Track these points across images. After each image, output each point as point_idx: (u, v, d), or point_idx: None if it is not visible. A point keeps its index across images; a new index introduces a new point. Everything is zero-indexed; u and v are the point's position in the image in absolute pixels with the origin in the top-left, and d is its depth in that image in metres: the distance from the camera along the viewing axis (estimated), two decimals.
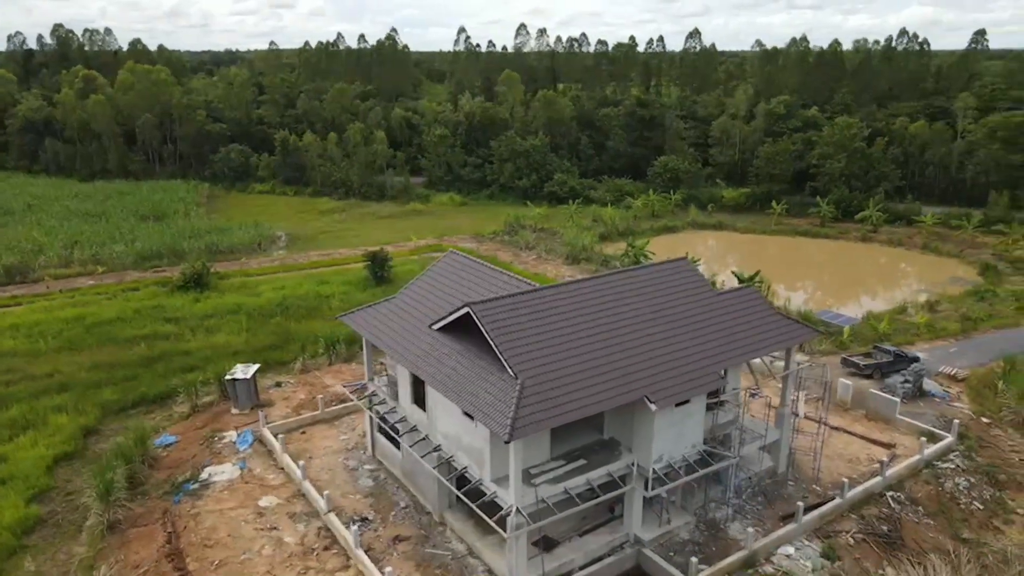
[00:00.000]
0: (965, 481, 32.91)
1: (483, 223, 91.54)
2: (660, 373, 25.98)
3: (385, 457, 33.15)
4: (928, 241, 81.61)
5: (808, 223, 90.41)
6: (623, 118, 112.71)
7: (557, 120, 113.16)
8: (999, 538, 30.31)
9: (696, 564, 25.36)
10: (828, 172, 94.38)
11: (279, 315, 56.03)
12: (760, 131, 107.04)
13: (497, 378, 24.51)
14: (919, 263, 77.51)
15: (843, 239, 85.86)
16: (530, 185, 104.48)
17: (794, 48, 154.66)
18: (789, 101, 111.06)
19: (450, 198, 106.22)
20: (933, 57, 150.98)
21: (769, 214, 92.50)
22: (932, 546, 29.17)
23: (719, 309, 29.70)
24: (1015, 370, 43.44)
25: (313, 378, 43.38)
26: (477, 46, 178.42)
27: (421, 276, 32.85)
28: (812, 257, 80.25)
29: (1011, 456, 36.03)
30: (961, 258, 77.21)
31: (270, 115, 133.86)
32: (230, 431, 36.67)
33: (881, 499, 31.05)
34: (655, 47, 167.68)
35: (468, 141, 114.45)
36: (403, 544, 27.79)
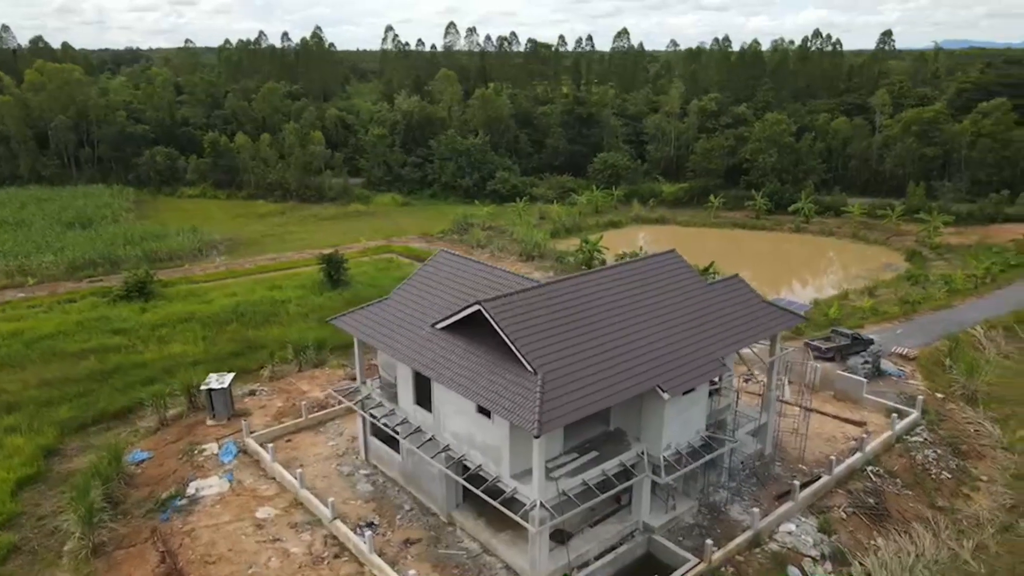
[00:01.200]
0: (933, 453, 35.09)
1: (429, 223, 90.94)
2: (668, 363, 26.63)
3: (381, 461, 32.62)
4: (856, 230, 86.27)
5: (744, 216, 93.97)
6: (561, 116, 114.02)
7: (496, 119, 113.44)
8: (969, 504, 32.50)
9: (711, 547, 26.12)
10: (760, 166, 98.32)
11: (235, 322, 54.20)
12: (693, 128, 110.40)
13: (514, 374, 24.57)
14: (851, 251, 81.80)
15: (778, 230, 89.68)
16: (472, 184, 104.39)
17: (716, 48, 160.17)
18: (720, 98, 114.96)
19: (392, 198, 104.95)
20: (844, 57, 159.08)
21: (707, 208, 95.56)
22: (913, 515, 31.03)
23: (712, 299, 30.65)
24: (959, 348, 46.56)
25: (287, 385, 42.18)
26: (406, 45, 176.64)
27: (413, 276, 32.49)
28: (751, 248, 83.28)
29: (967, 428, 38.63)
30: (887, 245, 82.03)
31: (195, 116, 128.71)
32: (210, 443, 35.26)
33: (863, 474, 32.76)
34: (584, 46, 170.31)
35: (407, 141, 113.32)
36: (414, 547, 27.47)
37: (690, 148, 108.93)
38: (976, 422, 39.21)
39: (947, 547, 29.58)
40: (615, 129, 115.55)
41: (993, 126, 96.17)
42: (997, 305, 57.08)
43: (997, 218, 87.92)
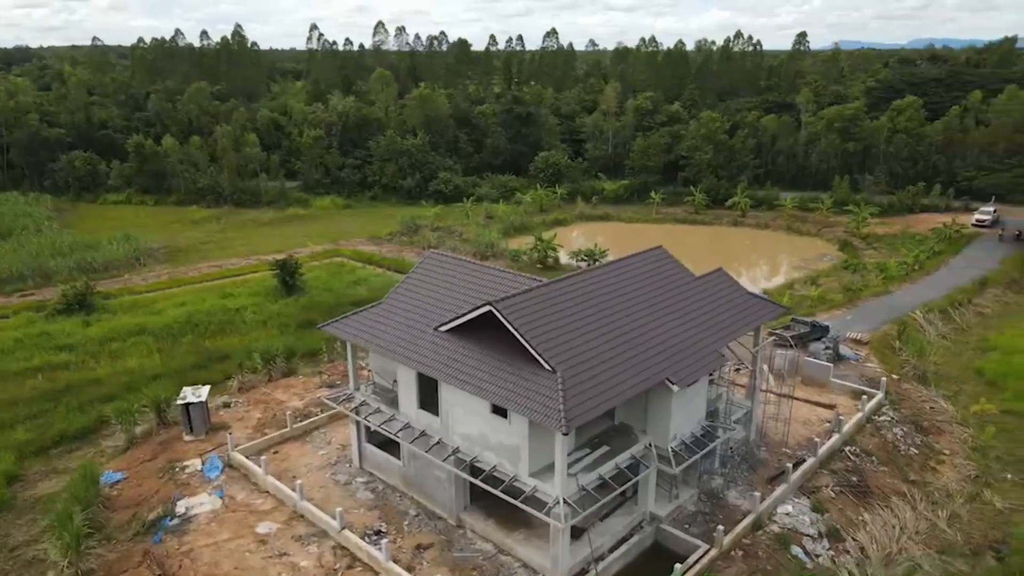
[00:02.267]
0: (900, 431, 37.28)
1: (374, 225, 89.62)
2: (672, 356, 27.33)
3: (378, 468, 32.12)
4: (790, 223, 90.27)
5: (684, 211, 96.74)
6: (501, 115, 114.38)
7: (434, 118, 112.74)
8: (937, 477, 34.71)
9: (722, 532, 27.00)
10: (697, 163, 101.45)
11: (190, 333, 52.13)
12: (630, 126, 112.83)
13: (530, 373, 24.71)
14: (787, 243, 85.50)
15: (716, 224, 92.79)
16: (414, 185, 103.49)
17: (644, 48, 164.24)
18: (655, 97, 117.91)
19: (332, 201, 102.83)
20: (764, 57, 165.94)
21: (648, 204, 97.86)
22: (891, 490, 32.90)
23: (702, 292, 31.61)
24: (907, 331, 49.52)
25: (262, 395, 40.88)
26: (334, 44, 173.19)
27: (405, 280, 32.09)
28: (694, 242, 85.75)
29: (923, 406, 41.19)
30: (819, 236, 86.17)
31: (114, 118, 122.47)
32: (192, 459, 33.84)
33: (842, 454, 34.47)
34: (514, 46, 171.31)
35: (344, 142, 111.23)
36: (427, 552, 27.23)
37: (628, 146, 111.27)
38: (931, 400, 41.86)
39: (925, 518, 31.54)
40: (553, 128, 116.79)
41: (907, 122, 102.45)
42: (929, 290, 60.92)
43: (915, 208, 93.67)
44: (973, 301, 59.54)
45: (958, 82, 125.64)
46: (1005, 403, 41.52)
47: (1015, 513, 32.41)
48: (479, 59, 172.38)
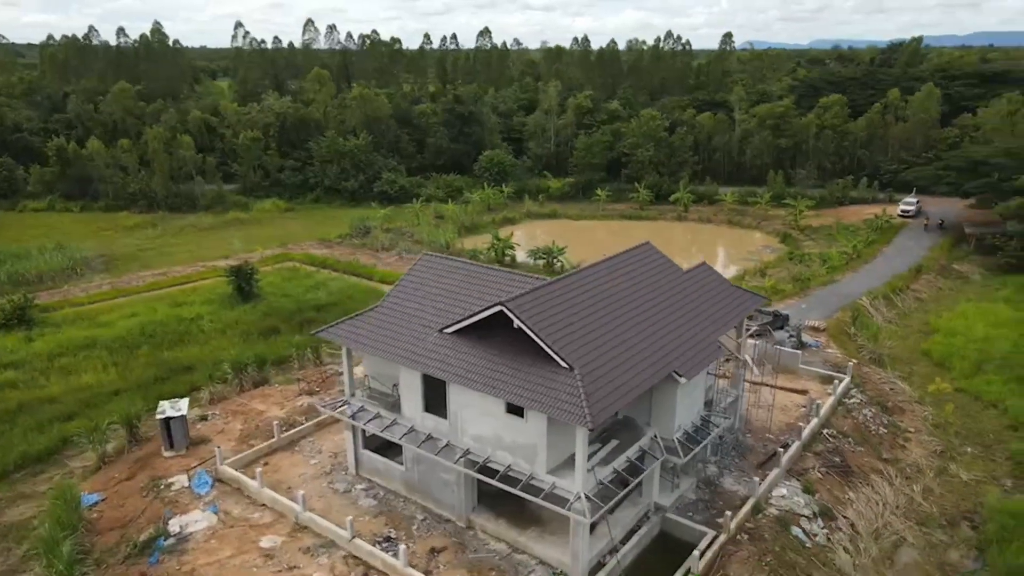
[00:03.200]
0: (869, 412, 39.27)
1: (321, 228, 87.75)
2: (676, 348, 28.02)
3: (377, 474, 31.62)
4: (731, 217, 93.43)
5: (629, 207, 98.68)
6: (443, 115, 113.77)
7: (375, 118, 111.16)
8: (907, 453, 36.77)
9: (729, 517, 27.87)
10: (639, 160, 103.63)
11: (145, 345, 49.91)
12: (572, 124, 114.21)
13: (546, 371, 24.88)
14: (730, 236, 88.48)
15: (661, 220, 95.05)
16: (358, 186, 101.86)
17: (576, 47, 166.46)
18: (594, 96, 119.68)
19: (273, 204, 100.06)
20: (693, 56, 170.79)
21: (594, 201, 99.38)
22: (869, 468, 34.67)
23: (692, 285, 32.48)
24: (860, 317, 52.13)
25: (238, 406, 39.54)
26: (262, 42, 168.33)
27: (401, 282, 31.67)
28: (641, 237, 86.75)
29: (884, 387, 43.49)
30: (760, 229, 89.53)
31: (29, 121, 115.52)
32: (176, 476, 32.47)
33: (821, 436, 36.07)
34: (448, 44, 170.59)
35: (282, 143, 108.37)
36: (442, 555, 27.05)
37: (570, 144, 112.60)
38: (889, 381, 44.25)
39: (903, 493, 33.41)
40: (495, 127, 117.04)
41: (833, 119, 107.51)
42: (871, 278, 64.22)
43: (844, 201, 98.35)
44: (911, 287, 63.14)
45: (872, 80, 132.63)
46: (955, 382, 44.37)
47: (980, 484, 34.71)
48: (414, 58, 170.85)
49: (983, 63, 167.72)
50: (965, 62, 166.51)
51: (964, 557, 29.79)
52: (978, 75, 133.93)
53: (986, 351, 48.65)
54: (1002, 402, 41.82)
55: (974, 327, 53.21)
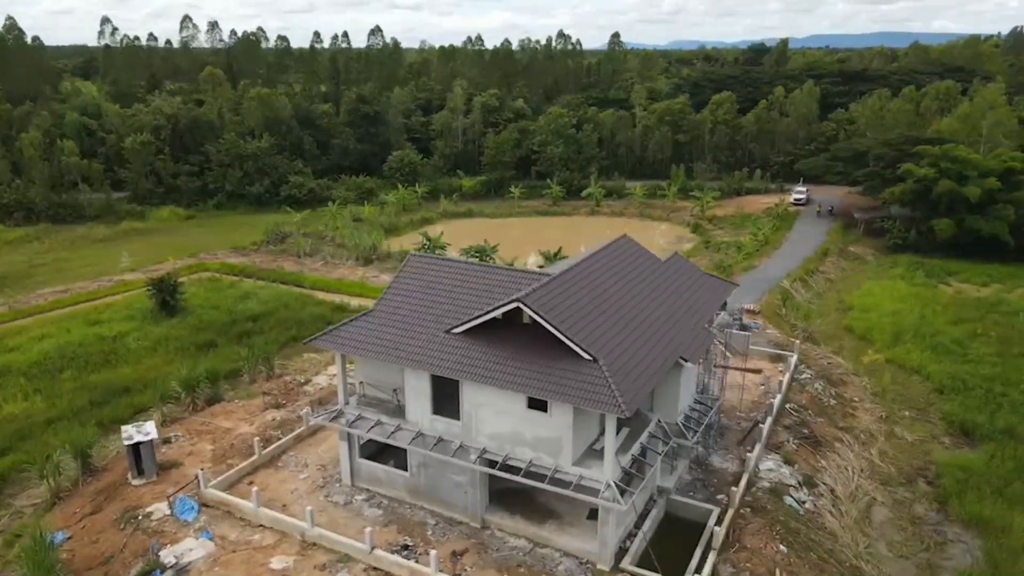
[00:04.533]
0: (819, 385, 42.21)
1: (229, 235, 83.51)
2: (676, 335, 29.06)
3: (376, 483, 30.71)
4: (641, 210, 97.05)
5: (543, 203, 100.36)
6: (348, 115, 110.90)
7: (275, 119, 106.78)
8: (857, 421, 39.84)
9: (735, 492, 29.24)
10: (549, 157, 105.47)
11: (68, 369, 45.89)
12: (479, 123, 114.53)
13: (568, 364, 25.17)
14: (643, 228, 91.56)
15: (575, 215, 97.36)
16: (264, 190, 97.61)
17: (470, 47, 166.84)
18: (499, 94, 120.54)
19: (172, 212, 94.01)
20: (583, 56, 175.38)
21: (508, 198, 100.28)
22: (831, 437, 37.31)
23: (674, 274, 33.72)
24: (789, 298, 55.74)
25: (201, 426, 37.11)
26: (136, 39, 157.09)
27: (393, 285, 30.85)
28: (558, 233, 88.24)
29: (822, 362, 46.82)
30: (670, 221, 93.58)
31: None
32: (153, 505, 30.13)
33: (785, 411, 38.40)
34: (340, 43, 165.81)
35: (175, 147, 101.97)
36: (465, 557, 26.73)
37: (477, 143, 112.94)
38: (825, 356, 47.69)
39: (863, 457, 36.23)
40: (401, 127, 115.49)
41: (725, 115, 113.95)
42: (785, 262, 68.77)
43: (741, 192, 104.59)
44: (820, 269, 68.16)
45: (749, 79, 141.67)
46: (880, 353, 48.44)
47: (924, 443, 38.20)
48: (303, 57, 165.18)
49: (840, 63, 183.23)
50: (827, 62, 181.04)
51: (928, 510, 32.71)
52: (841, 73, 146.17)
53: (898, 323, 53.41)
54: (924, 368, 46.12)
55: (882, 303, 58.28)
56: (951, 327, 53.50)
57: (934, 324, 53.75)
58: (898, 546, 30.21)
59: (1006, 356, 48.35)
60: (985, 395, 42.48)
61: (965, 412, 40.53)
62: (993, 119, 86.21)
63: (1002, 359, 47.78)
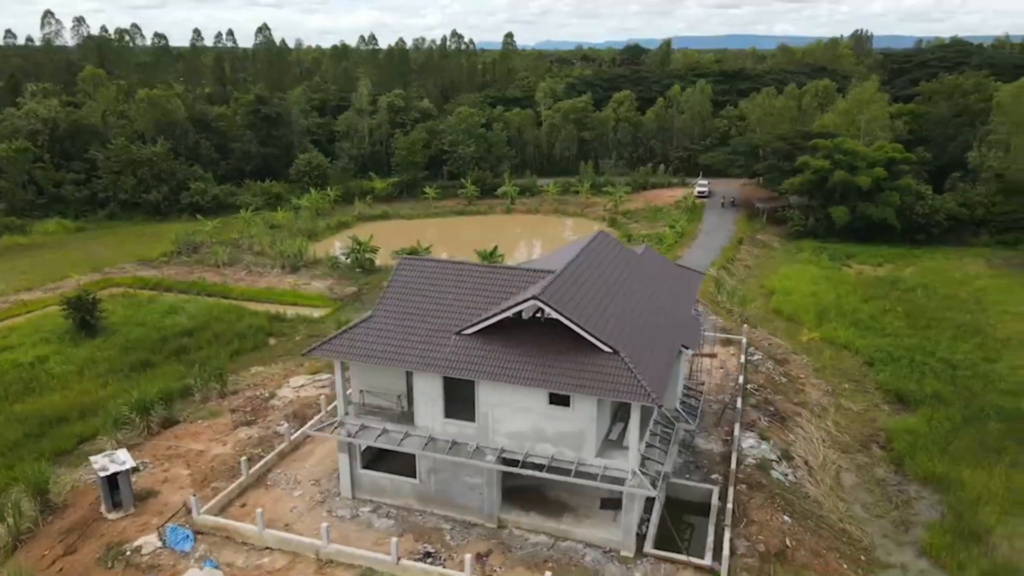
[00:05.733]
0: (769, 365, 44.92)
1: (131, 247, 77.91)
2: (671, 324, 30.20)
3: (380, 492, 29.92)
4: (556, 206, 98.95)
5: (458, 203, 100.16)
6: (247, 117, 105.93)
7: (168, 122, 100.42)
8: (808, 396, 42.75)
9: (734, 471, 30.74)
10: (460, 156, 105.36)
11: None
12: (385, 123, 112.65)
13: (588, 357, 25.66)
14: (561, 224, 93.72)
15: (491, 213, 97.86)
16: (162, 198, 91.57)
17: (363, 46, 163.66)
18: (405, 94, 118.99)
19: (58, 224, 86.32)
20: (478, 55, 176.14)
21: (423, 199, 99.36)
22: (791, 412, 39.88)
23: (651, 267, 34.89)
24: (721, 284, 58.76)
25: (168, 450, 34.65)
26: None
27: (388, 290, 30.06)
28: (478, 232, 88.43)
29: (764, 343, 49.82)
30: (585, 216, 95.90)
31: None
32: (140, 538, 27.96)
33: (748, 391, 40.63)
34: (225, 42, 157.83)
35: (56, 153, 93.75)
36: (491, 558, 26.65)
37: (386, 143, 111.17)
38: (766, 338, 50.76)
39: (821, 428, 39.00)
40: (304, 129, 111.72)
41: (626, 113, 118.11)
42: (706, 251, 72.40)
43: (647, 186, 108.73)
44: (737, 257, 72.27)
45: (639, 78, 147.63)
46: (812, 332, 52.14)
47: (868, 412, 41.61)
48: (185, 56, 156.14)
49: (717, 63, 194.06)
50: (706, 62, 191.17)
51: (887, 472, 35.72)
52: (722, 73, 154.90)
53: (818, 304, 57.67)
54: (852, 344, 50.10)
55: (800, 286, 62.63)
56: (863, 305, 58.41)
57: (849, 303, 58.47)
58: (871, 507, 32.84)
59: (916, 328, 53.41)
60: (910, 364, 46.77)
61: (897, 381, 44.47)
62: (869, 114, 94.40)
63: (914, 331, 52.76)
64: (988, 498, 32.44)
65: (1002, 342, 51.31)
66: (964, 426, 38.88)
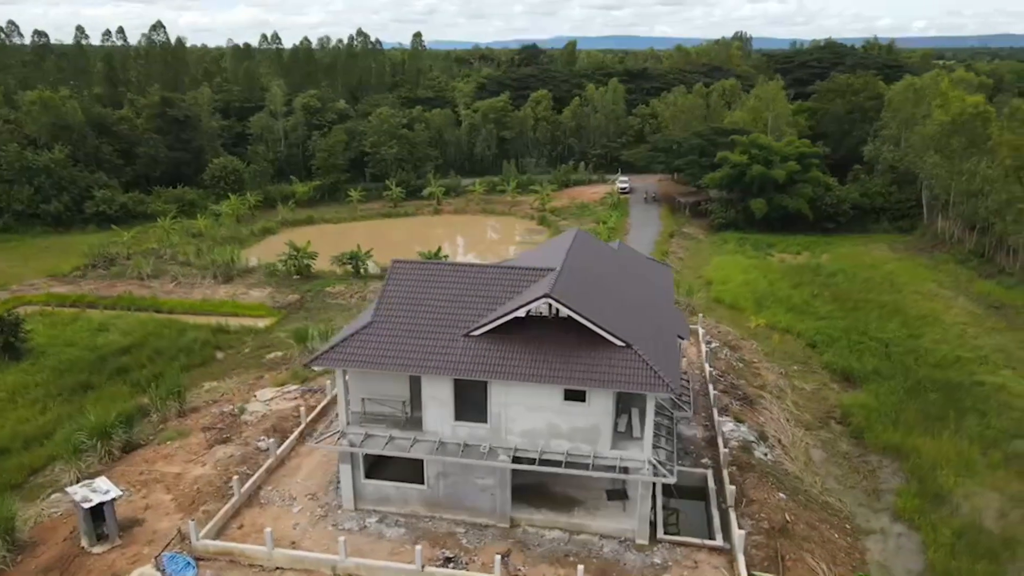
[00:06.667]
0: (726, 352, 46.97)
1: (34, 262, 72.24)
2: (662, 315, 31.17)
3: (385, 501, 29.27)
4: (483, 206, 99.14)
5: (384, 206, 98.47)
6: (153, 120, 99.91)
7: (63, 127, 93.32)
8: (759, 379, 45.00)
9: (727, 454, 32.04)
10: (383, 158, 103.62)
11: None
12: (301, 125, 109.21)
13: (600, 351, 26.17)
14: (491, 223, 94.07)
15: (419, 215, 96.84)
16: (64, 208, 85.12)
17: (266, 45, 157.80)
18: (320, 95, 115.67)
19: None
20: (387, 55, 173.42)
21: (348, 203, 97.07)
22: (755, 395, 41.92)
23: (629, 261, 35.83)
24: None
25: (141, 475, 32.46)
26: None
27: (384, 296, 29.40)
28: (407, 234, 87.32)
29: (714, 331, 52.02)
30: (513, 215, 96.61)
31: None
32: (132, 572, 26.15)
33: (712, 377, 42.34)
34: (114, 40, 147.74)
35: None
36: (513, 557, 26.68)
37: (302, 146, 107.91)
38: (716, 326, 53.01)
39: (784, 409, 41.25)
40: (215, 132, 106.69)
41: (544, 112, 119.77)
42: (640, 245, 73.73)
43: (569, 183, 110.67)
44: (671, 250, 74.94)
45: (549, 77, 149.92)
46: (758, 319, 54.88)
47: (820, 391, 44.32)
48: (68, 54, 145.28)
49: (620, 63, 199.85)
50: (610, 62, 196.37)
51: (849, 445, 38.22)
52: (627, 72, 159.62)
53: (754, 292, 60.81)
54: (793, 328, 53.15)
55: (734, 275, 65.79)
56: (794, 291, 61.99)
57: (781, 289, 61.92)
58: (842, 479, 35.09)
59: (846, 310, 57.25)
60: (848, 344, 50.12)
61: (840, 360, 47.61)
62: (775, 111, 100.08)
63: (844, 313, 56.53)
64: (942, 463, 35.32)
65: (920, 319, 55.79)
66: (907, 398, 42.11)
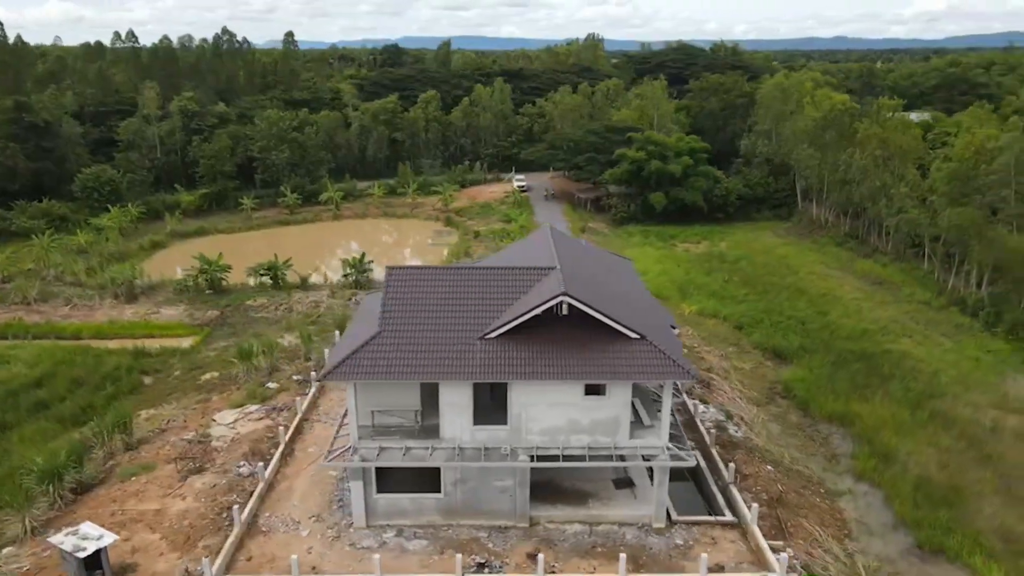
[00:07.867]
0: None
1: None
2: (650, 307, 32.48)
3: (399, 514, 28.50)
4: (384, 209, 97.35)
5: (279, 213, 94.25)
6: (7, 127, 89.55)
7: None
8: (710, 361, 47.71)
9: (714, 434, 33.81)
10: (274, 163, 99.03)
11: None
12: (179, 130, 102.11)
13: (616, 344, 27.03)
14: (396, 226, 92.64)
15: (318, 221, 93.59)
16: None
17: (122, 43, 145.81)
18: (197, 97, 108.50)
19: None
20: (257, 55, 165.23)
21: (240, 211, 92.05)
22: (707, 377, 44.36)
23: (602, 256, 36.92)
24: None
25: (113, 516, 29.54)
26: None
27: (387, 304, 28.52)
28: (308, 240, 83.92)
29: None
30: (415, 217, 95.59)
31: None
32: None
33: None
34: None
35: None
36: (544, 555, 26.85)
37: (181, 152, 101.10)
38: None
39: (734, 388, 44.03)
40: (77, 138, 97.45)
41: (434, 112, 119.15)
42: None
43: (465, 184, 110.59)
44: None
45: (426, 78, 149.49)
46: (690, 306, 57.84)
47: (758, 368, 47.66)
48: None
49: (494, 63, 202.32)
50: (484, 62, 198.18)
51: (798, 417, 41.42)
52: (504, 72, 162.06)
53: (673, 281, 64.10)
54: (719, 312, 56.61)
55: (650, 267, 68.77)
56: (707, 278, 65.96)
57: (697, 277, 65.68)
58: (802, 448, 38.04)
59: (759, 293, 61.65)
60: (770, 324, 54.09)
61: (768, 339, 51.30)
62: (660, 110, 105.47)
63: (759, 296, 60.87)
64: (881, 426, 39.14)
65: (822, 297, 61.08)
66: (835, 370, 46.18)
